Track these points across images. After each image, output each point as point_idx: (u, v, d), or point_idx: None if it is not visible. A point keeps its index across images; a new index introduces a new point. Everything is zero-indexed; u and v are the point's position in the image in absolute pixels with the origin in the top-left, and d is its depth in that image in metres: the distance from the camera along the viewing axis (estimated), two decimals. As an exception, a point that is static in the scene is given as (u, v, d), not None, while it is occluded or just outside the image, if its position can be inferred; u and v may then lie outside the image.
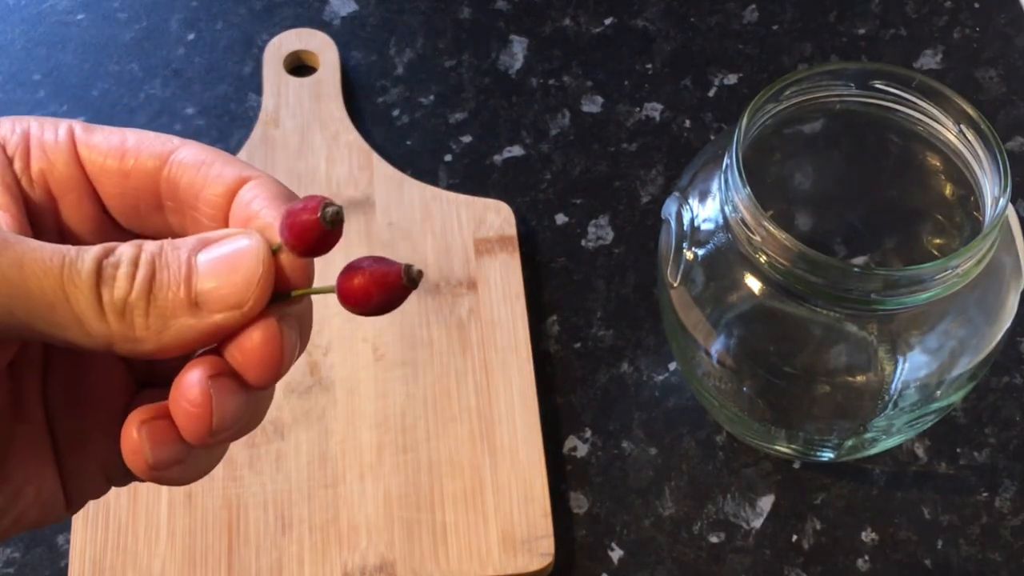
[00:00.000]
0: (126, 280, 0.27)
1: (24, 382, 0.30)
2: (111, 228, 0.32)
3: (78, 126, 0.31)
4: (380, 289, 0.27)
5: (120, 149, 0.31)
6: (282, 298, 0.28)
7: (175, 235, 0.32)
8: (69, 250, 0.27)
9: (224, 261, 0.27)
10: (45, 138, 0.31)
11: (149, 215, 0.31)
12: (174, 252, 0.27)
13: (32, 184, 0.31)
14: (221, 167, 0.30)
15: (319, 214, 0.27)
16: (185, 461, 0.28)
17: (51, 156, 0.31)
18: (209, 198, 0.30)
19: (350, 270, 0.27)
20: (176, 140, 0.31)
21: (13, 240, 0.27)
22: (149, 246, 0.27)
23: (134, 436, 0.28)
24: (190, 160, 0.30)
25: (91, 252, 0.27)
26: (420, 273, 0.27)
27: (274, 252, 0.28)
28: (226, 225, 0.30)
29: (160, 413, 0.28)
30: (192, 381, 0.27)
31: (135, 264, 0.27)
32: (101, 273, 0.27)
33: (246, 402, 0.28)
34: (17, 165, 0.31)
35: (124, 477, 0.31)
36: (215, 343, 0.28)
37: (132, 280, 0.27)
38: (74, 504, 0.31)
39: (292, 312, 0.28)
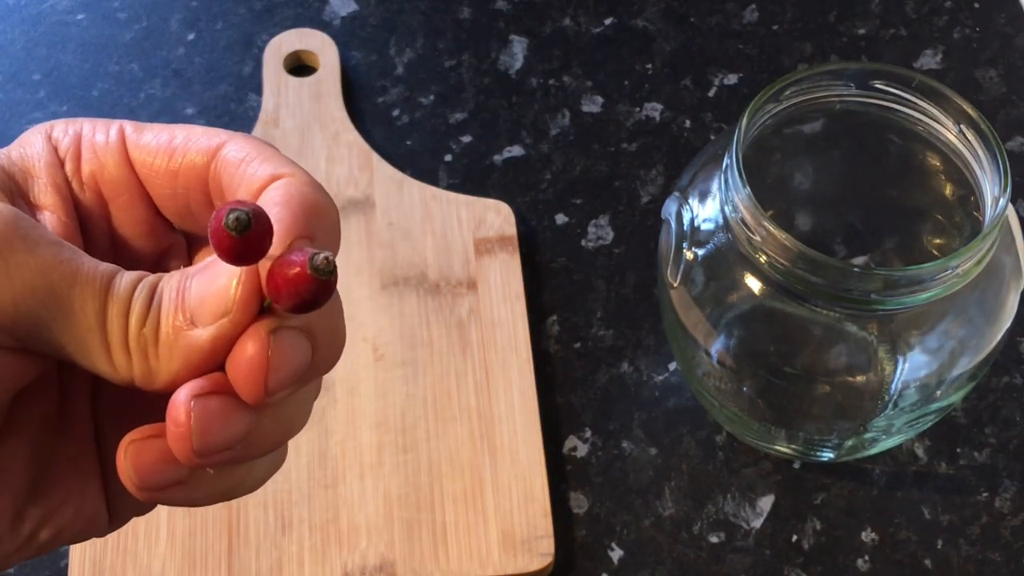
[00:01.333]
0: (142, 312, 0.26)
1: (73, 398, 0.30)
2: (164, 230, 0.31)
3: (129, 126, 0.30)
4: (288, 284, 0.25)
5: (169, 148, 0.30)
6: (268, 310, 0.27)
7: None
8: (115, 273, 0.27)
9: (207, 275, 0.27)
10: (96, 139, 0.30)
11: (201, 214, 0.31)
12: (181, 279, 0.27)
13: (83, 187, 0.30)
14: (259, 164, 0.29)
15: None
16: (187, 483, 0.27)
17: (102, 158, 0.30)
18: (243, 198, 0.29)
19: (271, 268, 0.25)
20: (224, 135, 0.30)
21: (68, 255, 0.26)
22: (166, 277, 0.27)
23: (120, 457, 0.27)
24: (232, 157, 0.29)
25: (127, 279, 0.27)
26: (327, 260, 0.24)
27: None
28: None
29: (156, 432, 0.27)
30: (177, 400, 0.26)
31: (151, 296, 0.27)
32: (130, 303, 0.26)
33: (244, 422, 0.26)
34: (68, 167, 0.30)
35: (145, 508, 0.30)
36: (220, 361, 0.27)
37: (147, 312, 0.26)
38: (117, 520, 0.30)
39: (295, 324, 0.26)
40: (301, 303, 0.25)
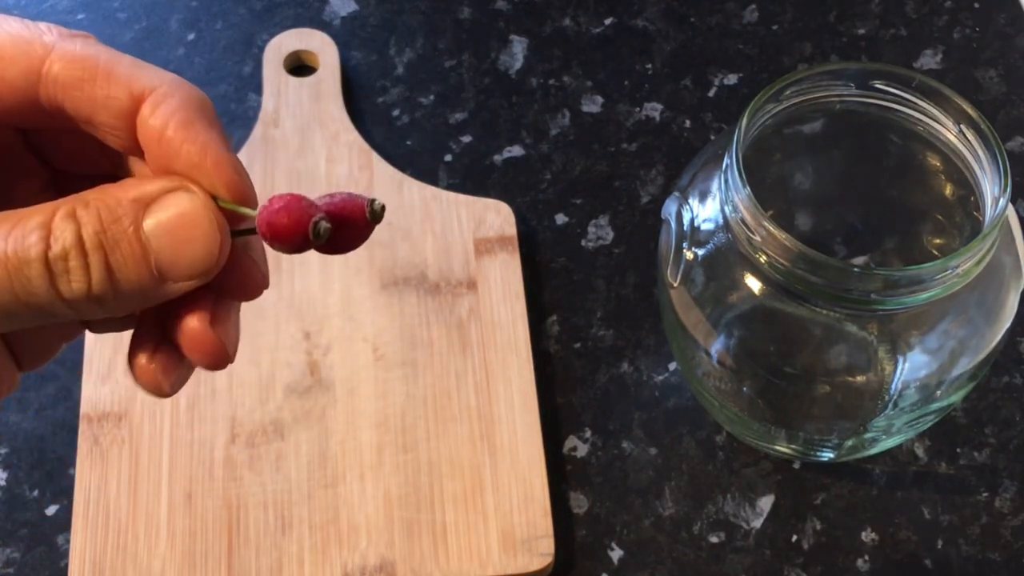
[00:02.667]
0: (82, 273, 0.26)
1: None
2: None
3: None
4: (344, 226, 0.27)
5: None
6: (245, 232, 0.28)
7: (62, 135, 0.30)
8: (10, 237, 0.26)
9: (176, 233, 0.27)
10: None
11: (34, 130, 0.30)
12: (118, 226, 0.26)
13: None
14: (106, 85, 0.28)
15: (310, 231, 0.26)
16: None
17: None
18: (106, 121, 0.28)
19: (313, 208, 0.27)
20: (38, 46, 0.28)
21: None
22: (87, 221, 0.26)
23: (150, 369, 0.29)
24: (68, 79, 0.28)
25: (34, 242, 0.26)
26: (383, 208, 0.27)
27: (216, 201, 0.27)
28: (136, 144, 0.28)
29: (161, 339, 0.29)
30: (202, 336, 0.28)
31: (83, 251, 0.26)
32: (52, 269, 0.26)
33: (239, 312, 0.30)
34: None
35: (74, 335, 0.32)
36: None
37: (88, 271, 0.26)
38: (27, 367, 0.31)
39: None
40: (356, 244, 0.28)
